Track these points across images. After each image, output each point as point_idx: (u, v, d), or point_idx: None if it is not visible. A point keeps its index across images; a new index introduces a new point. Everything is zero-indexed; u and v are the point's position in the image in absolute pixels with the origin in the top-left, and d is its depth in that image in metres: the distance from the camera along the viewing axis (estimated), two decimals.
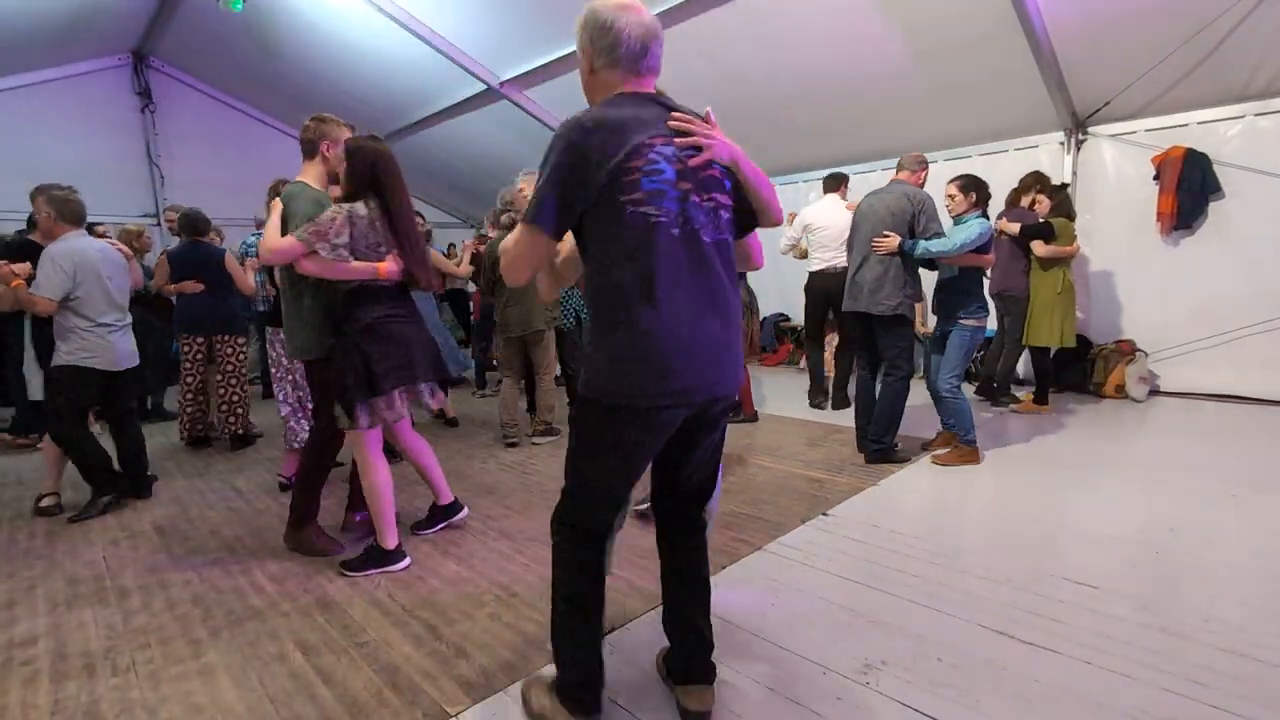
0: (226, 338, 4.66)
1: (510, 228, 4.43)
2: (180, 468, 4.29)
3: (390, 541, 2.65)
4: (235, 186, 8.52)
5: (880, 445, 3.81)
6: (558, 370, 4.87)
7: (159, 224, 8.15)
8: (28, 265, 3.43)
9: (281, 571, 2.69)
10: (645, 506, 2.30)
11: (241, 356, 4.73)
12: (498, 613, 2.30)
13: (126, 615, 2.39)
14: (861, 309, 3.78)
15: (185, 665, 2.06)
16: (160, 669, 2.04)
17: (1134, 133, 5.28)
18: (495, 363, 6.69)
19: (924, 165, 3.94)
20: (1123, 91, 4.97)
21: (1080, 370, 5.52)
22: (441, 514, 3.05)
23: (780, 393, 6.02)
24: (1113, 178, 5.44)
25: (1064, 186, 5.08)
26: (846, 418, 4.12)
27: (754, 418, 4.94)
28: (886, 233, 3.66)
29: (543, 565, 2.64)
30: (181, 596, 2.51)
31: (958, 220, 3.77)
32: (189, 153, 8.87)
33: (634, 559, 2.68)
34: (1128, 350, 5.31)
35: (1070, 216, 4.87)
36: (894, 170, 4.01)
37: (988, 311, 3.80)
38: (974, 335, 3.73)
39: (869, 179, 6.09)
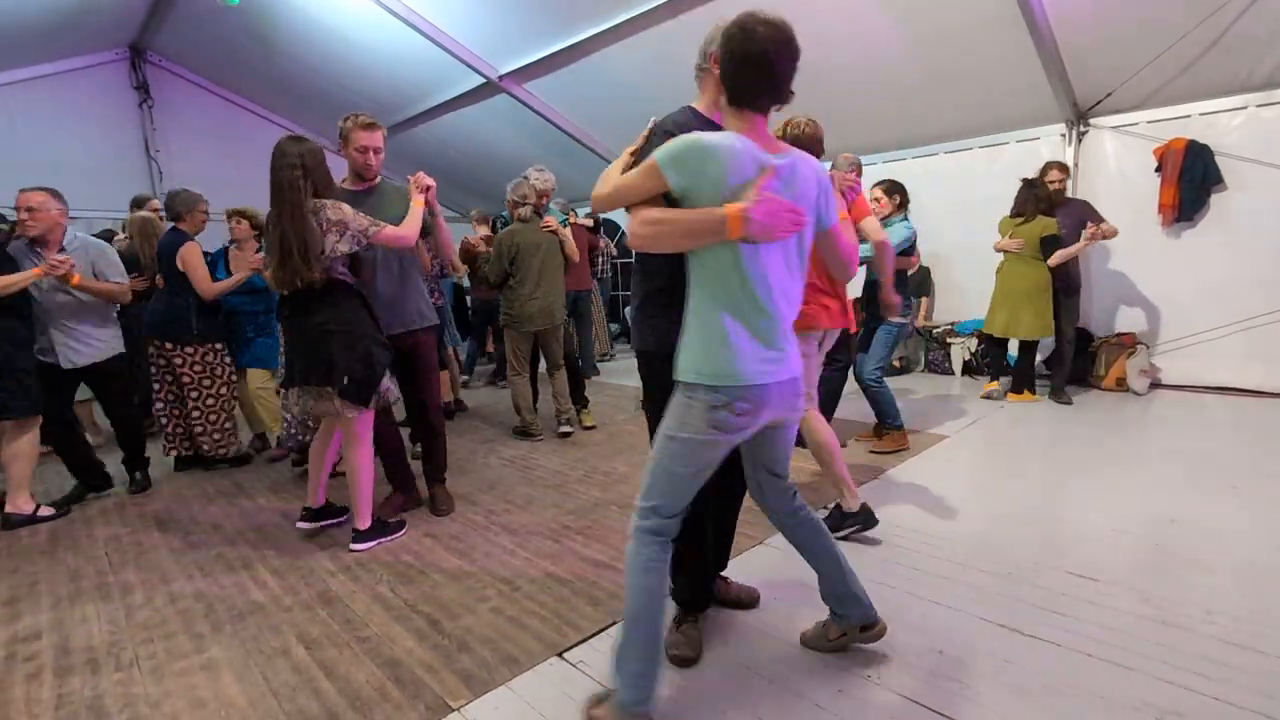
0: (170, 346, 3.92)
1: (527, 220, 4.39)
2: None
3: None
4: (234, 181, 8.44)
5: None
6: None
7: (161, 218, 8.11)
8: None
9: (283, 566, 2.70)
10: None
11: (197, 368, 3.97)
12: (500, 607, 2.30)
13: (129, 610, 2.39)
14: None
15: (188, 660, 2.06)
16: (163, 664, 2.05)
17: (1135, 124, 5.25)
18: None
19: (855, 168, 3.99)
20: (1125, 83, 4.94)
21: (1081, 363, 5.51)
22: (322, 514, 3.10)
23: None
24: (1114, 170, 5.41)
25: (1027, 183, 4.95)
26: (843, 411, 4.12)
27: None
28: None
29: (544, 559, 2.66)
30: (184, 591, 2.51)
31: (884, 223, 3.91)
32: (187, 147, 8.82)
33: None
34: (1129, 343, 5.30)
35: (1017, 214, 4.92)
36: (893, 163, 4.04)
37: (912, 309, 4.02)
38: (899, 331, 3.95)
39: (869, 172, 6.06)
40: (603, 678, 1.88)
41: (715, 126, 1.72)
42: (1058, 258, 4.76)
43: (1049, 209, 4.86)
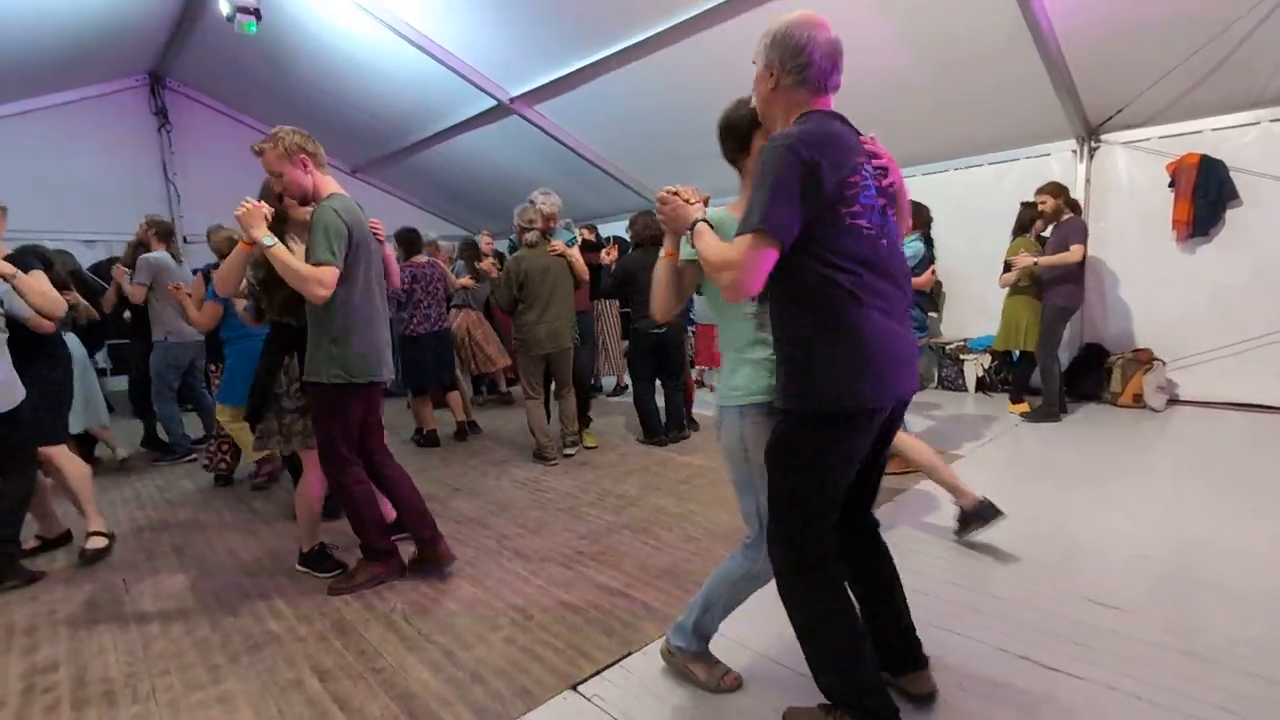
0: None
1: (534, 245, 4.42)
2: (198, 487, 4.32)
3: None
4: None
5: None
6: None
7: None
8: None
9: (298, 594, 2.70)
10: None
11: None
12: (513, 636, 2.29)
13: (146, 641, 2.40)
14: None
15: (204, 692, 2.07)
16: (179, 696, 2.05)
17: (1147, 140, 5.23)
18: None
19: None
20: (1135, 99, 4.93)
21: (1096, 379, 5.46)
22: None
23: None
24: (1126, 185, 5.39)
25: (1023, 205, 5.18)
26: None
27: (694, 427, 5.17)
28: None
29: (558, 587, 2.65)
30: (200, 621, 2.52)
31: None
32: (203, 169, 9.00)
33: (649, 579, 2.68)
34: (1145, 359, 5.24)
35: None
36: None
37: (926, 330, 4.00)
38: None
39: None
40: (616, 711, 1.86)
41: None
42: (1000, 280, 5.12)
43: (1034, 233, 5.09)
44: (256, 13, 5.53)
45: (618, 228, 9.31)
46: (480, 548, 3.10)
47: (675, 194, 1.69)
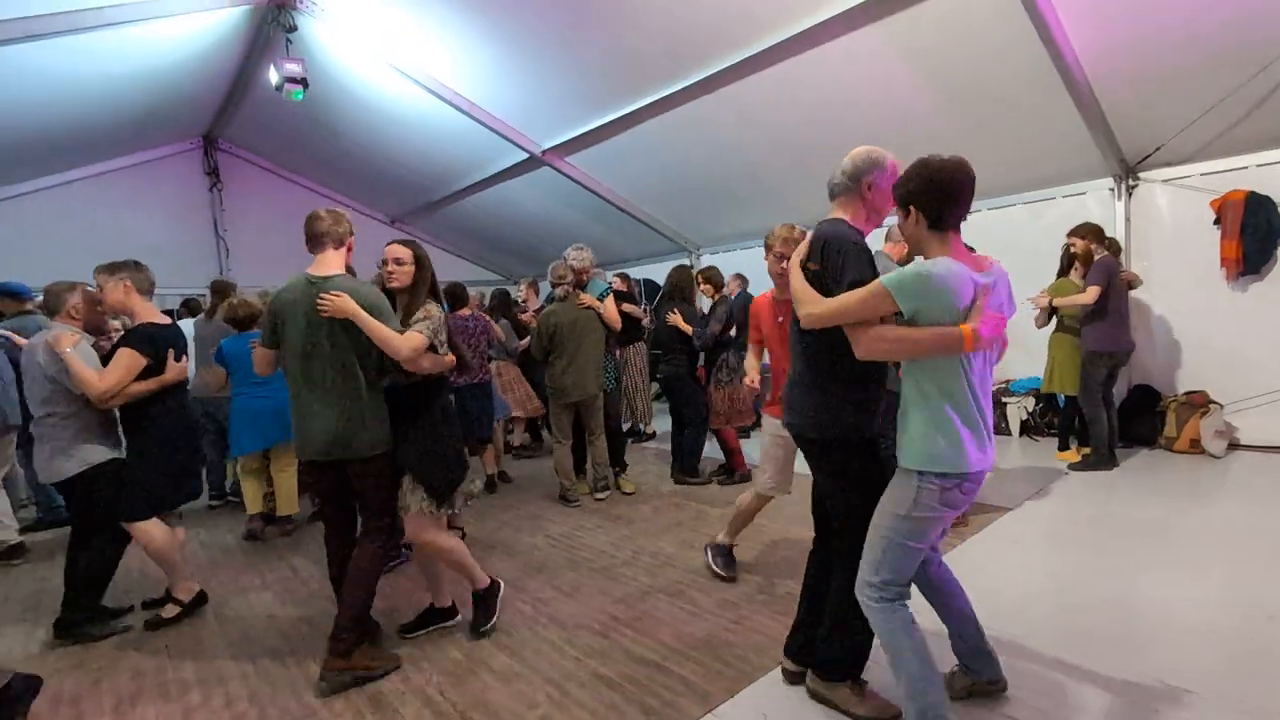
0: None
1: (564, 299, 4.66)
2: (239, 544, 4.39)
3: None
4: (294, 256, 8.93)
5: None
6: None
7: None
8: None
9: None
10: None
11: None
12: (549, 715, 2.24)
13: (186, 712, 2.41)
14: None
15: None
16: None
17: (1188, 177, 5.11)
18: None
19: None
20: (1173, 138, 4.83)
21: (1149, 423, 5.24)
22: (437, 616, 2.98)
23: None
24: (1169, 224, 5.25)
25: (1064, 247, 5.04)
26: None
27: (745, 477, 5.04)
28: None
29: (593, 658, 2.60)
30: (239, 692, 2.53)
31: None
32: (252, 226, 9.42)
33: (686, 650, 2.61)
34: (1200, 402, 5.02)
35: None
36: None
37: None
38: None
39: None
40: None
41: (862, 235, 2.04)
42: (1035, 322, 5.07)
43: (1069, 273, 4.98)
44: (304, 81, 5.81)
45: (647, 271, 9.41)
46: (516, 613, 3.06)
47: None
